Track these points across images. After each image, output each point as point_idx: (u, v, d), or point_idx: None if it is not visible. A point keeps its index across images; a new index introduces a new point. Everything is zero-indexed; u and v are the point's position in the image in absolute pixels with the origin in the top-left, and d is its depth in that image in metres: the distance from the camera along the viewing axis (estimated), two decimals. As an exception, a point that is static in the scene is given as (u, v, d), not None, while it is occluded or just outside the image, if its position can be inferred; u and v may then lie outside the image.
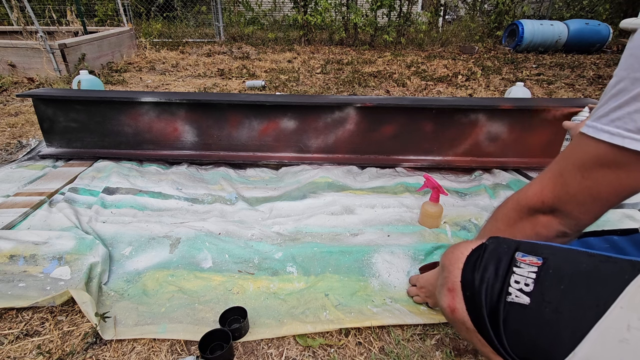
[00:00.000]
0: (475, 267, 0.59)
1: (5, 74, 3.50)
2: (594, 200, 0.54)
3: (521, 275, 0.54)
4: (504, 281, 0.55)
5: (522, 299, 0.53)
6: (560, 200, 0.57)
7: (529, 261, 0.55)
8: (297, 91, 3.37)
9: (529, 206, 0.61)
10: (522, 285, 0.54)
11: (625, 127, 0.47)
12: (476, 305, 0.57)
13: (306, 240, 1.27)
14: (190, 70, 4.15)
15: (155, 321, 0.95)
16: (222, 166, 1.83)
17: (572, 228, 0.59)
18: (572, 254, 0.56)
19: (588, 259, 0.54)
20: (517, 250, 0.57)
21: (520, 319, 0.53)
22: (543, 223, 0.60)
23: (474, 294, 0.57)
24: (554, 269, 0.53)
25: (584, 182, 0.54)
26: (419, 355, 0.88)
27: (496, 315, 0.55)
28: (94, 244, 1.16)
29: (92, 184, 1.59)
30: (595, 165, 0.52)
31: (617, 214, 1.40)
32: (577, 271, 0.53)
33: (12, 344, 0.89)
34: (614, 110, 0.49)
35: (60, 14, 5.14)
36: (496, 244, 0.60)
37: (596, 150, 0.51)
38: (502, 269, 0.56)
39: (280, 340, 0.92)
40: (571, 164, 0.55)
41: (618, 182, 0.51)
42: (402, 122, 1.77)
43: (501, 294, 0.55)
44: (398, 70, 4.27)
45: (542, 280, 0.53)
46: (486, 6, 7.40)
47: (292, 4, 6.07)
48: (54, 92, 1.83)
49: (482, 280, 0.57)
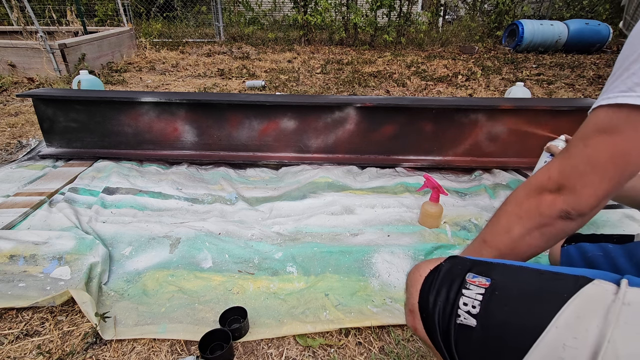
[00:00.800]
0: (430, 289, 0.60)
1: (5, 74, 3.50)
2: (592, 170, 0.54)
3: (469, 297, 0.56)
4: (454, 303, 0.56)
5: (470, 321, 0.54)
6: (563, 173, 0.57)
7: (478, 282, 0.56)
8: (297, 91, 3.37)
9: (537, 184, 0.61)
10: (469, 308, 0.55)
11: (619, 89, 0.50)
12: (430, 328, 0.59)
13: (306, 240, 1.27)
14: (190, 70, 4.15)
15: (155, 321, 0.95)
16: (222, 166, 1.83)
17: (574, 207, 0.58)
18: (521, 273, 0.57)
19: (535, 278, 0.55)
20: (469, 271, 0.59)
21: (468, 341, 0.54)
22: (548, 202, 0.60)
23: (428, 316, 0.59)
24: (500, 290, 0.55)
25: (585, 150, 0.54)
26: (419, 355, 0.88)
27: (448, 337, 0.56)
28: (94, 244, 1.16)
29: (92, 184, 1.59)
30: (594, 132, 0.53)
31: (617, 214, 1.40)
32: (522, 291, 0.54)
33: (12, 344, 0.89)
34: (610, 84, 0.52)
35: (60, 14, 5.14)
36: (451, 264, 0.62)
37: (595, 118, 0.53)
38: (453, 291, 0.58)
39: (280, 340, 0.92)
40: (576, 137, 0.56)
41: (613, 145, 0.52)
42: (402, 122, 1.77)
43: (451, 317, 0.56)
44: (398, 70, 4.27)
45: (488, 302, 0.54)
46: (486, 6, 7.40)
47: (292, 4, 6.06)
48: (54, 92, 1.83)
49: (435, 302, 0.58)
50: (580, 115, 1.69)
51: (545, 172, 0.60)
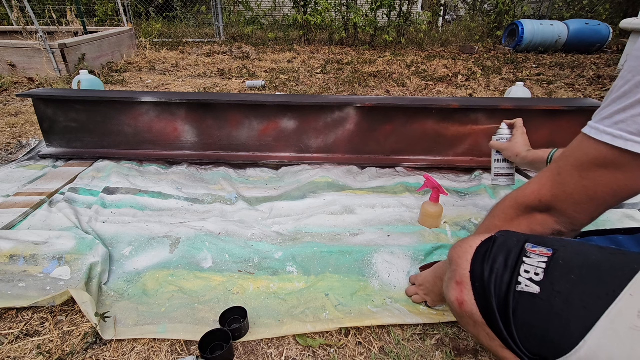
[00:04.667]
0: (485, 258, 0.58)
1: (5, 74, 3.50)
2: (590, 200, 0.54)
3: (531, 265, 0.54)
4: (514, 271, 0.55)
5: (532, 288, 0.53)
6: (557, 198, 0.57)
7: (539, 252, 0.55)
8: (297, 91, 3.37)
9: (526, 204, 0.61)
10: (532, 275, 0.54)
11: (628, 130, 0.47)
12: (485, 297, 0.57)
13: (306, 240, 1.27)
14: (190, 70, 4.15)
15: (155, 321, 0.95)
16: (222, 166, 1.83)
17: (567, 227, 0.59)
18: (582, 246, 0.56)
19: (598, 251, 0.54)
20: (527, 242, 0.57)
21: (529, 308, 0.53)
22: (539, 221, 0.60)
23: (483, 285, 0.57)
24: (564, 260, 0.54)
25: (582, 181, 0.54)
26: (419, 355, 0.88)
27: (506, 306, 0.55)
28: (94, 244, 1.16)
29: (92, 184, 1.59)
30: (593, 166, 0.52)
31: (617, 213, 1.40)
32: (587, 262, 0.53)
33: (12, 344, 0.89)
34: (617, 113, 0.49)
35: (60, 14, 5.14)
36: (506, 236, 0.60)
37: (596, 152, 0.51)
38: (511, 260, 0.56)
39: (280, 340, 0.92)
40: (570, 164, 0.55)
41: (615, 183, 0.51)
42: (402, 122, 1.77)
43: (510, 284, 0.55)
44: (398, 70, 4.27)
45: (552, 270, 0.53)
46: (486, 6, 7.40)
47: (292, 4, 6.06)
48: (54, 92, 1.83)
49: (491, 271, 0.57)
50: (580, 115, 1.68)
51: (535, 193, 0.59)
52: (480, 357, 0.87)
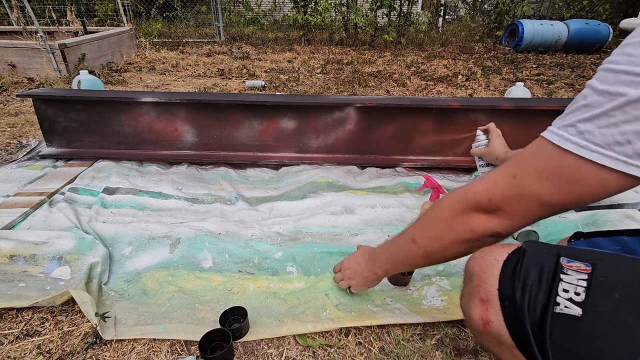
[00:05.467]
0: (515, 274, 0.53)
1: (5, 74, 3.50)
2: (541, 208, 0.52)
3: (570, 283, 0.50)
4: (551, 290, 0.50)
5: (573, 309, 0.48)
6: (507, 201, 0.55)
7: (577, 267, 0.51)
8: (297, 91, 3.37)
9: (475, 200, 0.59)
10: (571, 295, 0.49)
11: (594, 142, 0.46)
12: (517, 318, 0.52)
13: (306, 240, 1.27)
14: (190, 70, 4.15)
15: (155, 321, 0.95)
16: (222, 166, 1.83)
17: (507, 229, 0.57)
18: (620, 260, 0.52)
19: (632, 262, 0.50)
20: (560, 255, 0.53)
21: (570, 332, 0.48)
22: (482, 221, 0.58)
23: (515, 304, 0.52)
24: (605, 277, 0.49)
25: (539, 189, 0.51)
26: (419, 355, 0.88)
27: (541, 328, 0.50)
28: (94, 244, 1.16)
29: (92, 184, 1.59)
30: (555, 175, 0.50)
31: (617, 213, 1.40)
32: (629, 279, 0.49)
33: (12, 344, 0.89)
34: (583, 122, 0.47)
35: (60, 14, 5.14)
36: (535, 248, 0.56)
37: (560, 160, 0.49)
38: (546, 276, 0.52)
39: (280, 340, 0.92)
40: (531, 168, 0.52)
41: (571, 194, 0.49)
42: (402, 122, 1.77)
43: (547, 305, 0.50)
44: (398, 70, 4.27)
45: (594, 289, 0.48)
46: (486, 6, 7.40)
47: (292, 4, 6.06)
48: (54, 92, 1.83)
49: (524, 289, 0.52)
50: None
51: (487, 191, 0.57)
52: (481, 357, 0.87)
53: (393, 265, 0.83)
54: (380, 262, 0.86)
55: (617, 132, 0.44)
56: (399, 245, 0.79)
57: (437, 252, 0.67)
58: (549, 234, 1.32)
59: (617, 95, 0.43)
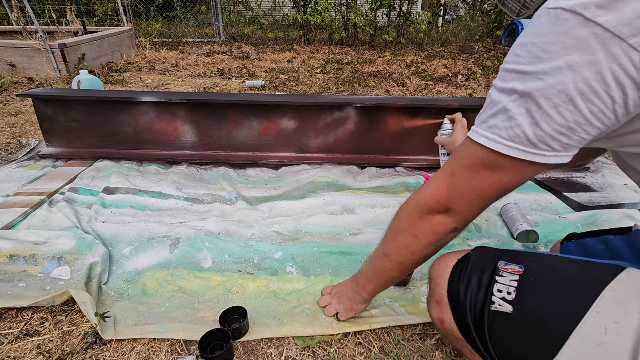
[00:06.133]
0: (460, 278, 0.61)
1: (5, 74, 3.50)
2: (479, 199, 0.57)
3: (503, 284, 0.57)
4: (488, 291, 0.57)
5: (505, 307, 0.55)
6: (452, 199, 0.60)
7: (512, 269, 0.58)
8: (297, 91, 3.37)
9: (427, 206, 0.64)
10: (504, 294, 0.56)
11: (499, 134, 0.51)
12: (462, 316, 0.59)
13: (306, 240, 1.27)
14: (190, 70, 4.15)
15: (155, 321, 0.95)
16: (222, 166, 1.83)
17: (462, 223, 0.62)
18: (552, 261, 0.58)
19: (569, 266, 0.56)
20: (500, 260, 0.60)
21: (504, 328, 0.55)
22: (439, 221, 0.63)
23: (460, 304, 0.60)
24: (535, 277, 0.56)
25: (472, 182, 0.56)
26: (419, 355, 0.88)
27: (482, 324, 0.57)
28: (94, 244, 1.16)
29: (92, 184, 1.59)
30: (480, 167, 0.55)
31: (617, 213, 1.40)
32: (557, 278, 0.55)
33: (12, 344, 0.89)
34: (490, 118, 0.52)
35: (60, 14, 5.14)
36: (480, 254, 0.63)
37: (480, 154, 0.54)
38: (485, 279, 0.59)
39: (280, 340, 0.92)
40: (462, 165, 0.58)
41: (498, 182, 0.54)
42: (402, 122, 1.77)
43: (485, 304, 0.57)
44: (398, 70, 4.27)
45: (524, 289, 0.55)
46: (486, 6, 7.39)
47: (292, 4, 6.06)
48: (54, 92, 1.83)
49: (466, 290, 0.59)
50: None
51: (434, 194, 0.62)
52: (480, 357, 0.87)
53: (374, 284, 0.84)
54: (363, 283, 0.87)
55: (515, 124, 0.49)
56: (375, 263, 0.82)
57: (408, 260, 0.71)
58: (548, 234, 1.32)
59: (511, 91, 0.49)
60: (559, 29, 0.43)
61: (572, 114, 0.45)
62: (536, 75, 0.46)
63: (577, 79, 0.43)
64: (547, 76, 0.45)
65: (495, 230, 1.36)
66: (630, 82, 0.41)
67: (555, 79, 0.44)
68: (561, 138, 0.47)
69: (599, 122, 0.45)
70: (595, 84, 0.42)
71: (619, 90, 0.42)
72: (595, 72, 0.42)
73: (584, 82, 0.43)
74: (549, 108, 0.46)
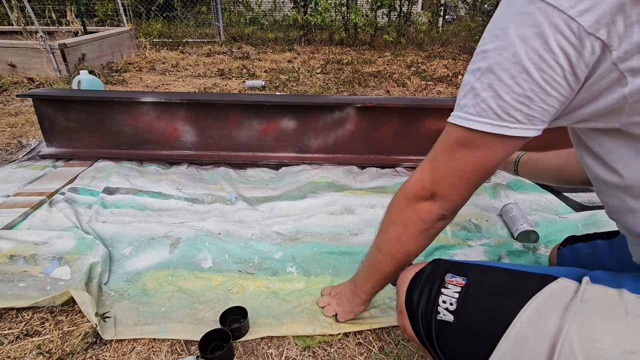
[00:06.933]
0: (414, 289, 0.66)
1: (5, 74, 3.50)
2: (459, 180, 0.59)
3: (447, 295, 0.61)
4: (435, 301, 0.62)
5: (448, 316, 0.59)
6: (435, 183, 0.62)
7: (456, 282, 0.62)
8: (297, 91, 3.37)
9: (413, 192, 0.66)
10: (447, 305, 0.60)
11: (469, 112, 0.54)
12: (416, 325, 0.64)
13: (306, 240, 1.27)
14: (190, 70, 4.15)
15: (155, 321, 0.95)
16: (222, 166, 1.83)
17: (447, 209, 0.64)
18: (494, 273, 0.62)
19: (505, 277, 0.60)
20: (448, 272, 0.64)
21: (447, 335, 0.60)
22: (425, 208, 0.65)
23: (413, 314, 0.64)
24: (474, 288, 0.60)
25: (451, 163, 0.59)
26: (419, 355, 0.88)
27: (430, 332, 0.61)
28: (94, 244, 1.16)
29: (92, 184, 1.59)
30: (456, 147, 0.58)
31: (617, 214, 1.40)
32: (492, 289, 0.59)
33: (12, 344, 0.89)
34: (461, 99, 0.56)
35: (60, 14, 5.14)
36: (433, 266, 0.67)
37: (455, 132, 0.57)
38: (434, 290, 0.63)
39: (280, 340, 0.92)
40: (441, 148, 0.61)
41: (474, 160, 0.57)
42: (402, 122, 1.77)
43: (432, 313, 0.61)
44: (398, 70, 4.27)
45: (464, 299, 0.59)
46: (486, 6, 7.40)
47: (292, 4, 6.06)
48: (54, 92, 1.83)
49: (418, 301, 0.64)
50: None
51: (419, 180, 0.64)
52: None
53: (370, 282, 0.84)
54: (360, 282, 0.87)
55: (480, 99, 0.52)
56: (369, 259, 0.82)
57: (399, 252, 0.72)
58: (549, 234, 1.32)
59: (476, 70, 0.52)
60: (512, 8, 0.48)
61: (527, 82, 0.48)
62: (495, 51, 0.50)
63: (528, 50, 0.47)
64: (504, 50, 0.48)
65: (495, 230, 1.36)
66: (573, 50, 0.45)
67: (510, 51, 0.48)
68: (522, 108, 0.50)
69: (554, 91, 0.48)
70: (543, 52, 0.46)
71: (565, 58, 0.45)
72: (543, 42, 0.46)
73: (534, 52, 0.46)
74: (507, 79, 0.49)
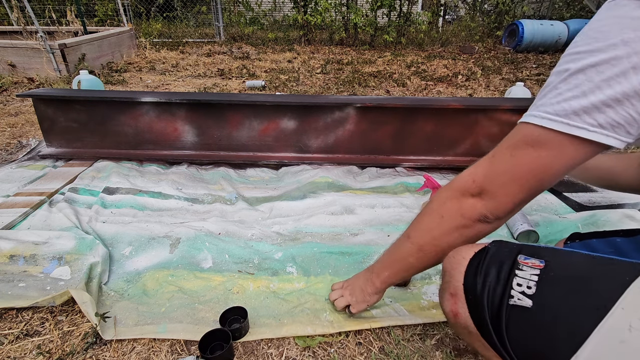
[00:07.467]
0: (477, 271, 0.59)
1: (5, 74, 3.50)
2: (513, 181, 0.57)
3: (523, 278, 0.55)
4: (506, 284, 0.56)
5: (525, 301, 0.54)
6: (487, 179, 0.60)
7: (532, 264, 0.56)
8: (297, 91, 3.37)
9: (461, 186, 0.64)
10: (524, 288, 0.54)
11: (545, 110, 0.53)
12: (478, 309, 0.58)
13: (306, 240, 1.27)
14: (190, 70, 4.15)
15: (155, 321, 0.95)
16: (222, 166, 1.83)
17: (492, 212, 0.61)
18: (573, 256, 0.57)
19: (590, 262, 0.54)
20: (519, 253, 0.58)
21: (522, 322, 0.54)
22: (470, 204, 0.62)
23: (476, 297, 0.58)
24: (556, 272, 0.54)
25: (511, 160, 0.57)
26: (419, 355, 0.88)
27: (499, 319, 0.55)
28: (94, 244, 1.16)
29: (92, 184, 1.59)
30: (522, 144, 0.56)
31: (617, 213, 1.40)
32: (578, 274, 0.53)
33: (12, 344, 0.89)
34: (539, 99, 0.55)
35: (60, 14, 5.14)
36: (498, 247, 0.61)
37: (525, 130, 0.56)
38: (504, 272, 0.57)
39: (280, 340, 0.92)
40: (504, 146, 0.59)
41: (538, 160, 0.55)
42: (402, 122, 1.77)
43: (503, 297, 0.55)
44: (398, 70, 4.27)
45: (544, 283, 0.53)
46: (486, 6, 7.40)
47: (292, 4, 6.06)
48: (54, 92, 1.83)
49: (484, 284, 0.57)
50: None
51: (471, 174, 0.62)
52: (480, 357, 0.87)
53: (390, 270, 0.82)
54: (378, 270, 0.85)
55: (562, 99, 0.51)
56: (395, 246, 0.80)
57: (429, 245, 0.69)
58: (549, 234, 1.32)
59: (563, 72, 0.51)
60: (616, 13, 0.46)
61: (621, 85, 0.46)
62: (590, 53, 0.48)
63: (630, 52, 0.45)
64: (601, 52, 0.47)
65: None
66: None
67: (609, 54, 0.46)
68: (607, 110, 0.48)
69: None
70: None
71: None
72: None
73: (637, 55, 0.44)
74: (598, 80, 0.47)
